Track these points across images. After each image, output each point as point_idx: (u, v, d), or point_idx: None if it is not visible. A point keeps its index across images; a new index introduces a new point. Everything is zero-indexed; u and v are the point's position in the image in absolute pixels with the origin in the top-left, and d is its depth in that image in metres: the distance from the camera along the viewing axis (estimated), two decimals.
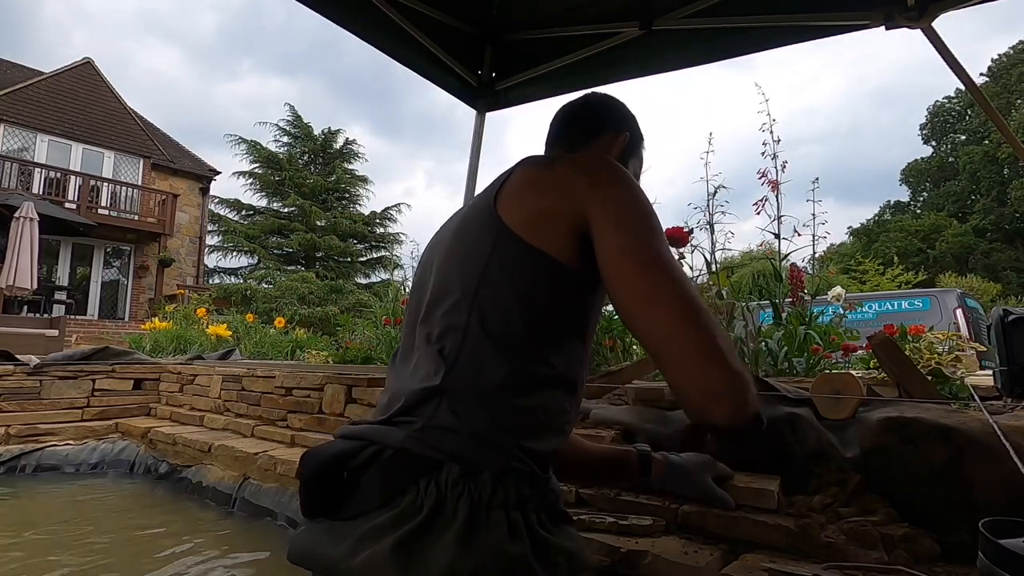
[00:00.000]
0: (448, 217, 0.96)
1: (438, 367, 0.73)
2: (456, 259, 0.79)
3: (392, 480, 0.69)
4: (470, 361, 0.71)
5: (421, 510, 0.65)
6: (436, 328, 0.76)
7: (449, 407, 0.71)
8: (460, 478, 0.67)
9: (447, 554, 0.62)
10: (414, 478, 0.67)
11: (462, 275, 0.76)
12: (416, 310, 0.85)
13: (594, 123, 0.99)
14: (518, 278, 0.73)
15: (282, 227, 17.78)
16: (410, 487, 0.67)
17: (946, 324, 5.47)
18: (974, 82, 1.91)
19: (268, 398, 3.39)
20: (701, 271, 2.62)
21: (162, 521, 2.68)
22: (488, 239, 0.76)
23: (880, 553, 1.05)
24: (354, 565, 0.64)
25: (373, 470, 0.70)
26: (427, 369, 0.75)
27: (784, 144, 2.63)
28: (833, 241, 30.30)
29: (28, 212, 8.44)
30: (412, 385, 0.75)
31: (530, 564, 0.65)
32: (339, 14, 2.02)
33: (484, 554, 0.63)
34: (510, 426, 0.71)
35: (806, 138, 76.04)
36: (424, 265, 0.89)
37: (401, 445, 0.70)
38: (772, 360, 2.28)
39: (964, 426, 1.10)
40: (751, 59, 44.56)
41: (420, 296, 0.84)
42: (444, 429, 0.70)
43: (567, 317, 0.77)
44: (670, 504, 1.31)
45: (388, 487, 0.68)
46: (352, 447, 0.72)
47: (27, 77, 14.87)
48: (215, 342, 6.27)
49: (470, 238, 0.79)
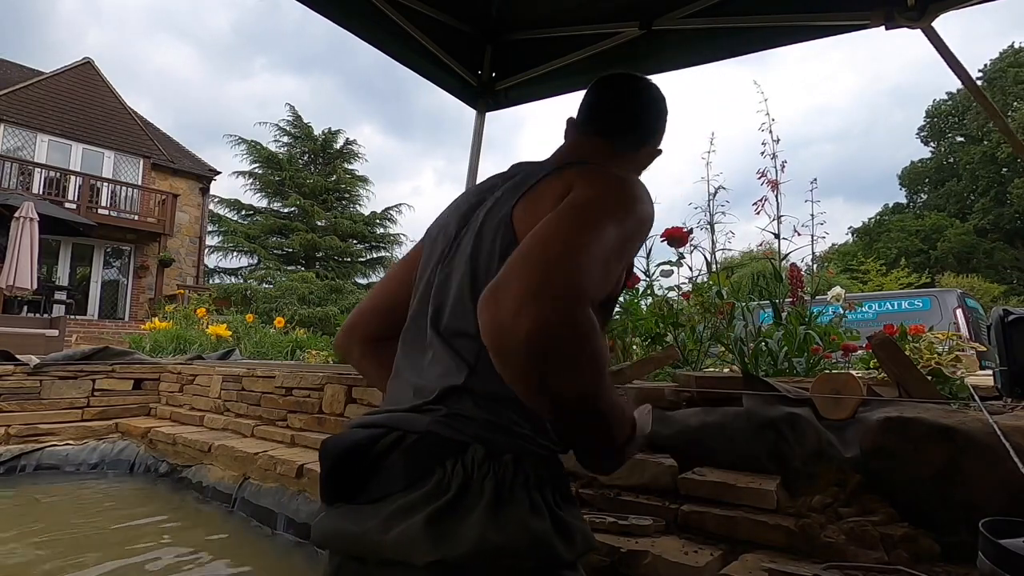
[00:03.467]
0: (456, 200, 0.95)
1: (459, 367, 0.75)
2: (472, 267, 0.80)
3: (418, 462, 0.71)
4: (490, 365, 0.70)
5: (449, 488, 0.68)
6: (453, 329, 0.78)
7: (473, 402, 0.74)
8: (485, 459, 0.70)
9: (476, 528, 0.65)
10: (441, 459, 0.70)
11: (475, 286, 0.78)
12: (426, 299, 0.85)
13: (646, 131, 0.97)
14: None
15: (282, 227, 17.78)
16: (437, 468, 0.70)
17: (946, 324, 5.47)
18: (974, 81, 1.91)
19: (268, 398, 3.39)
20: (701, 271, 2.63)
21: (162, 521, 2.68)
22: (498, 252, 0.77)
23: (880, 553, 1.05)
24: (386, 540, 0.67)
25: (396, 455, 0.73)
26: (447, 366, 0.77)
27: (797, 143, 2.66)
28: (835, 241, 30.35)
29: (28, 212, 8.44)
30: (434, 379, 0.77)
31: (552, 539, 0.68)
32: (339, 14, 2.02)
33: (510, 529, 0.66)
34: (528, 418, 0.75)
35: (819, 137, 75.49)
36: (436, 255, 0.88)
37: (427, 429, 0.73)
38: (772, 360, 2.28)
39: (964, 426, 1.10)
40: (767, 58, 43.49)
41: (434, 289, 0.85)
42: (468, 417, 0.73)
43: None
44: (670, 504, 1.31)
45: (413, 469, 0.71)
46: (374, 434, 0.75)
47: (27, 77, 14.87)
48: (215, 342, 6.27)
49: (486, 246, 0.80)
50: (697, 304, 2.45)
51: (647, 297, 2.73)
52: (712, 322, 2.45)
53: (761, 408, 1.34)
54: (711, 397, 1.52)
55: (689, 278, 2.62)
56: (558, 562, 0.69)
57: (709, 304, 2.41)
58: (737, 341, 2.39)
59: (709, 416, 1.43)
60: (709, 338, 2.50)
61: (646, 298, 2.74)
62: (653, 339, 2.55)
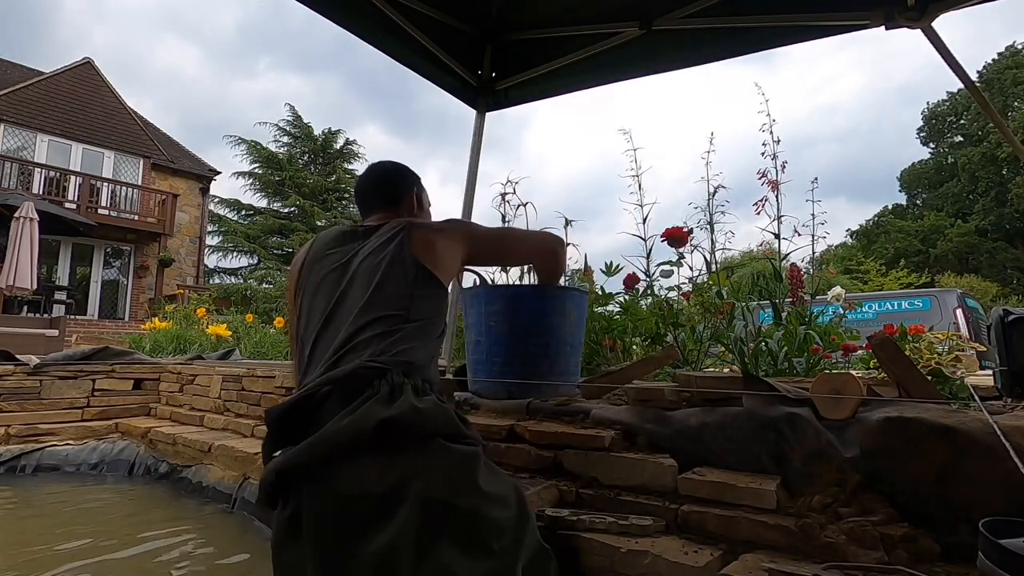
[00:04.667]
0: (326, 242, 1.38)
1: (370, 332, 1.13)
2: (378, 284, 1.19)
3: (351, 391, 1.01)
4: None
5: (380, 392, 1.00)
6: (372, 322, 1.15)
7: (381, 348, 1.11)
8: (403, 377, 1.05)
9: (406, 404, 0.99)
10: (370, 381, 1.02)
11: (388, 295, 1.19)
12: (334, 305, 1.22)
13: (400, 189, 1.51)
14: (425, 292, 1.22)
15: (282, 227, 17.79)
16: (367, 388, 1.01)
17: (946, 324, 5.48)
18: (974, 82, 1.91)
19: (268, 398, 3.39)
20: (701, 271, 2.63)
21: (162, 521, 2.68)
22: (409, 275, 1.22)
23: (880, 553, 1.05)
24: (342, 426, 0.95)
25: (330, 402, 1.01)
26: (355, 332, 1.14)
27: (803, 142, 2.65)
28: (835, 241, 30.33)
29: (28, 212, 8.44)
30: (344, 337, 1.14)
31: (457, 415, 1.09)
32: (339, 13, 2.02)
33: (429, 403, 1.03)
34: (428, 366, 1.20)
35: (826, 136, 74.61)
36: (327, 289, 1.27)
37: (352, 371, 1.04)
38: (772, 360, 2.28)
39: (964, 426, 1.10)
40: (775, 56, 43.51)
41: (335, 298, 1.23)
42: (382, 358, 1.08)
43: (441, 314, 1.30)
44: (670, 504, 1.31)
45: (347, 397, 1.00)
46: (308, 392, 1.03)
47: (27, 77, 14.87)
48: (215, 342, 6.27)
49: (395, 271, 1.21)
50: (697, 304, 2.45)
51: (647, 297, 2.73)
52: (712, 322, 2.45)
53: (761, 408, 1.34)
54: (711, 397, 1.52)
55: (689, 278, 2.62)
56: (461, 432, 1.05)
57: (709, 304, 2.41)
58: (737, 341, 2.38)
59: (709, 416, 1.42)
60: (709, 338, 2.50)
61: (646, 298, 2.74)
62: (653, 339, 2.55)
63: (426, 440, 0.99)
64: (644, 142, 2.09)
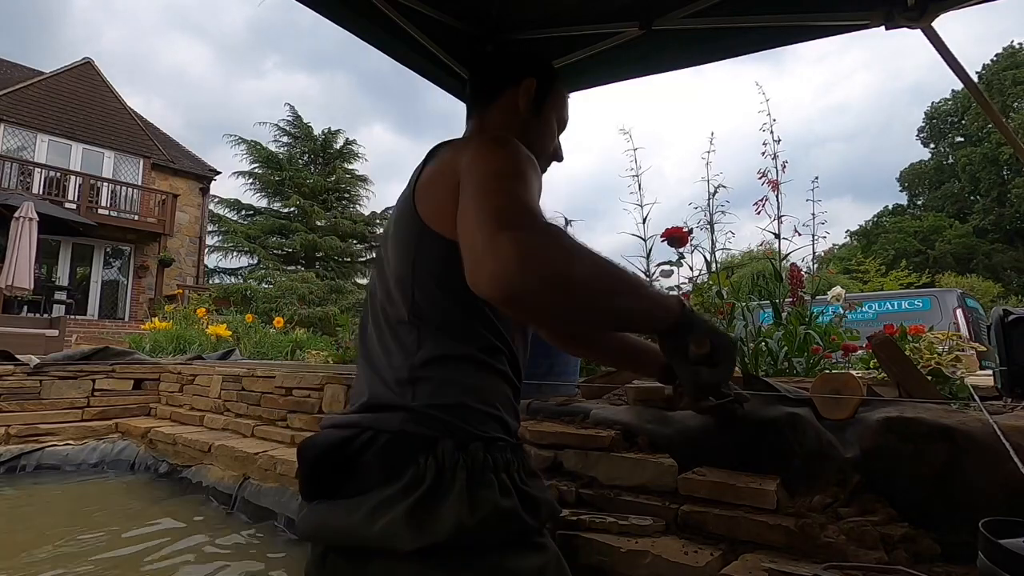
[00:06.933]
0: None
1: (407, 354, 0.82)
2: (395, 255, 0.86)
3: (393, 459, 0.76)
4: (432, 345, 0.81)
5: (424, 480, 0.73)
6: (395, 317, 0.85)
7: (430, 391, 0.79)
8: (454, 449, 0.75)
9: (453, 513, 0.71)
10: (414, 455, 0.75)
11: (400, 273, 0.84)
12: (372, 292, 0.92)
13: (492, 83, 0.99)
14: (438, 268, 0.81)
15: (282, 227, 17.77)
16: (411, 463, 0.75)
17: (946, 324, 5.47)
18: (975, 83, 1.91)
19: (268, 398, 3.39)
20: (701, 271, 2.63)
21: (162, 521, 2.68)
22: (413, 237, 0.83)
23: (880, 553, 1.05)
24: (374, 532, 0.72)
25: (371, 454, 0.77)
26: (395, 356, 0.83)
27: (811, 142, 2.64)
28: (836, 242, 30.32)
29: (28, 212, 8.44)
30: (387, 372, 0.83)
31: (520, 514, 0.76)
32: (339, 13, 2.02)
33: (484, 509, 0.73)
34: (485, 404, 0.82)
35: (835, 135, 74.35)
36: (381, 253, 0.94)
37: (400, 428, 0.77)
38: (772, 360, 2.28)
39: (964, 426, 1.10)
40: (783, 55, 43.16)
41: (382, 283, 0.90)
42: (434, 416, 0.78)
43: None
44: (670, 504, 1.31)
45: (390, 466, 0.76)
46: (348, 435, 0.79)
47: (27, 77, 14.86)
48: (215, 342, 6.27)
49: (401, 233, 0.86)
50: (697, 304, 2.45)
51: None
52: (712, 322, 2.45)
53: (761, 408, 1.34)
54: None
55: (689, 278, 2.62)
56: (527, 531, 0.77)
57: (709, 304, 2.41)
58: (737, 341, 2.39)
59: (709, 416, 1.43)
60: None
61: None
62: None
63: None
64: (648, 143, 2.07)
